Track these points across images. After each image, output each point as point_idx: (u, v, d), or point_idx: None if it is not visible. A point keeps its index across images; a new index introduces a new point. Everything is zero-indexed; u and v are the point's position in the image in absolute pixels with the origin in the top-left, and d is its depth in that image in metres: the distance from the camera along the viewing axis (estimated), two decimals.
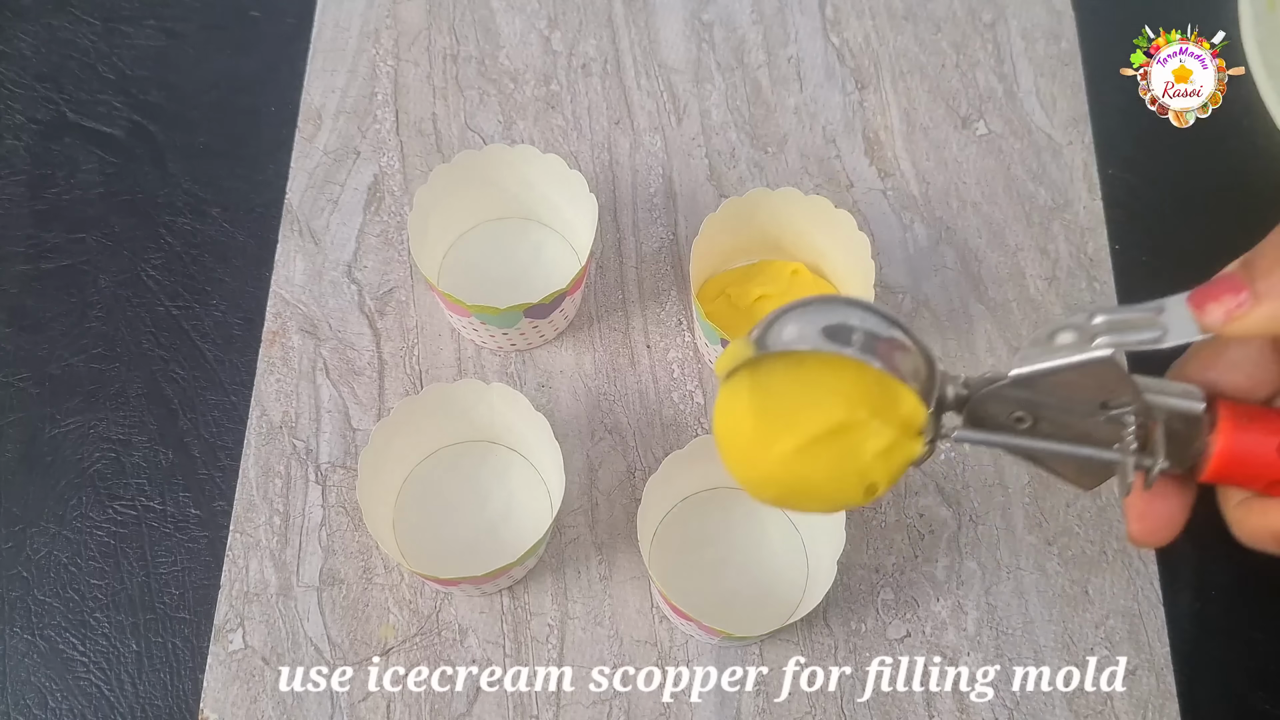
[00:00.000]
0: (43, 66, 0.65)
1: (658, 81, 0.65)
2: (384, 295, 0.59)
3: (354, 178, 0.62)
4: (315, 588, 0.52)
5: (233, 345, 0.58)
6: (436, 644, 0.51)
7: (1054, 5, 0.67)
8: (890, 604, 0.53)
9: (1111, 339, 0.30)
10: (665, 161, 0.62)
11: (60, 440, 0.56)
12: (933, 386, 0.33)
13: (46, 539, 0.54)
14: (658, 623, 0.52)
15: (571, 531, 0.54)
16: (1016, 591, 0.53)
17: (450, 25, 0.66)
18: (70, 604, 0.52)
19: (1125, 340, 0.30)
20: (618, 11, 0.67)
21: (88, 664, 0.51)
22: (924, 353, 0.33)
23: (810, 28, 0.67)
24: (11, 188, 0.62)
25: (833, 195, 0.60)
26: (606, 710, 0.50)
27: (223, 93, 0.65)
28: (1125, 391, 0.30)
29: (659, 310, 0.59)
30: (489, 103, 0.64)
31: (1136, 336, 0.30)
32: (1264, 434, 0.29)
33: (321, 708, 0.50)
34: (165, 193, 0.62)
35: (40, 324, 0.58)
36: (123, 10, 0.67)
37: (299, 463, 0.54)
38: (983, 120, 0.64)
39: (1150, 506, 0.33)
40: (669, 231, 0.61)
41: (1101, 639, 0.52)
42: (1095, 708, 0.51)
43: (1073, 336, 0.30)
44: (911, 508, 0.54)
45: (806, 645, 0.52)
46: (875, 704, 0.51)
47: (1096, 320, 0.30)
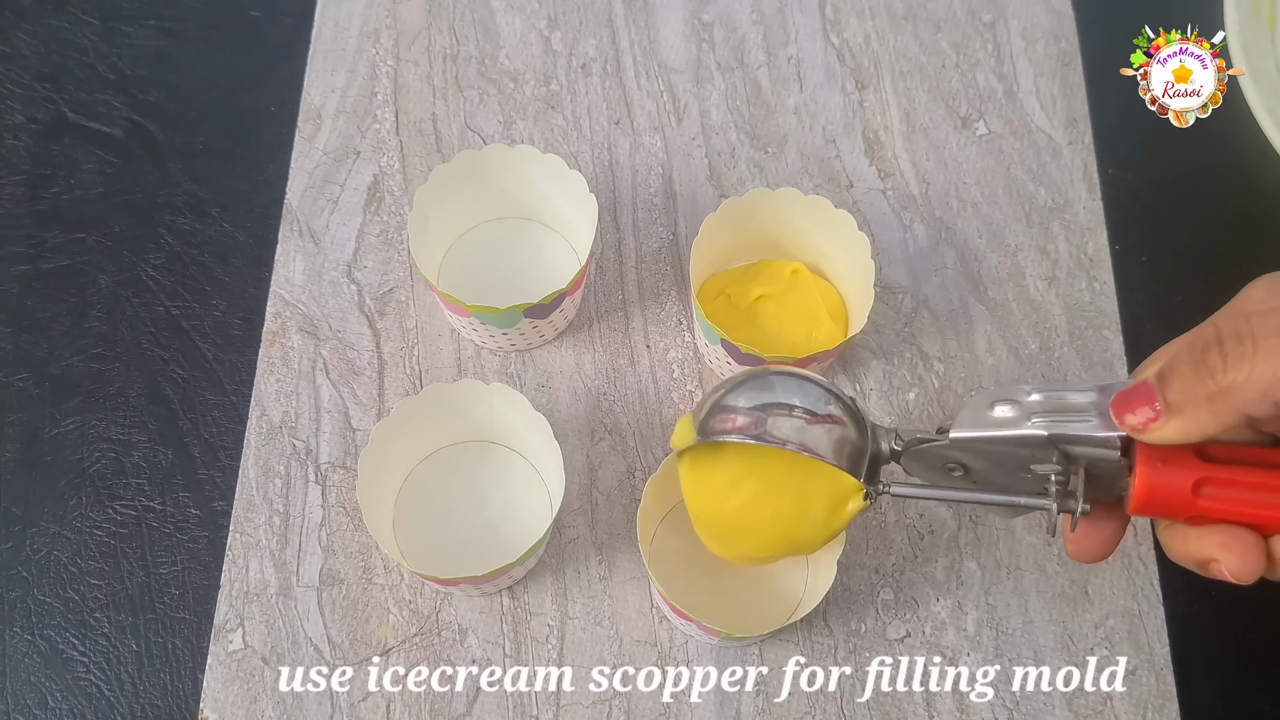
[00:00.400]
0: (43, 66, 0.65)
1: (658, 81, 0.65)
2: (384, 295, 0.59)
3: (354, 178, 0.61)
4: (315, 588, 0.52)
5: (232, 345, 0.58)
6: (436, 644, 0.51)
7: (1054, 5, 0.67)
8: (890, 604, 0.53)
9: (1046, 421, 0.33)
10: (665, 161, 0.62)
11: (60, 440, 0.56)
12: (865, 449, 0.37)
13: (46, 539, 0.54)
14: (658, 623, 0.52)
15: (571, 532, 0.54)
16: (1016, 592, 0.53)
17: (450, 25, 0.66)
18: (70, 604, 0.52)
19: (1061, 425, 0.33)
20: (618, 11, 0.67)
21: (88, 664, 0.51)
22: (856, 420, 0.37)
23: (810, 28, 0.67)
24: (11, 188, 0.62)
25: (833, 195, 0.60)
26: (606, 710, 0.50)
27: (222, 93, 0.65)
28: (1050, 454, 0.33)
29: (659, 310, 0.59)
30: (489, 103, 0.64)
31: (1070, 423, 0.33)
32: (1179, 474, 0.32)
33: (321, 708, 0.50)
34: (165, 193, 0.61)
35: (40, 324, 0.58)
36: (123, 10, 0.67)
37: (299, 463, 0.54)
38: (983, 120, 0.64)
39: (1086, 534, 0.36)
40: (669, 231, 0.61)
41: (1101, 639, 0.52)
42: (1095, 708, 0.51)
43: (1010, 411, 0.34)
44: (911, 508, 0.54)
45: (806, 645, 0.52)
46: (875, 704, 0.51)
47: (1033, 398, 0.34)
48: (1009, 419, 0.33)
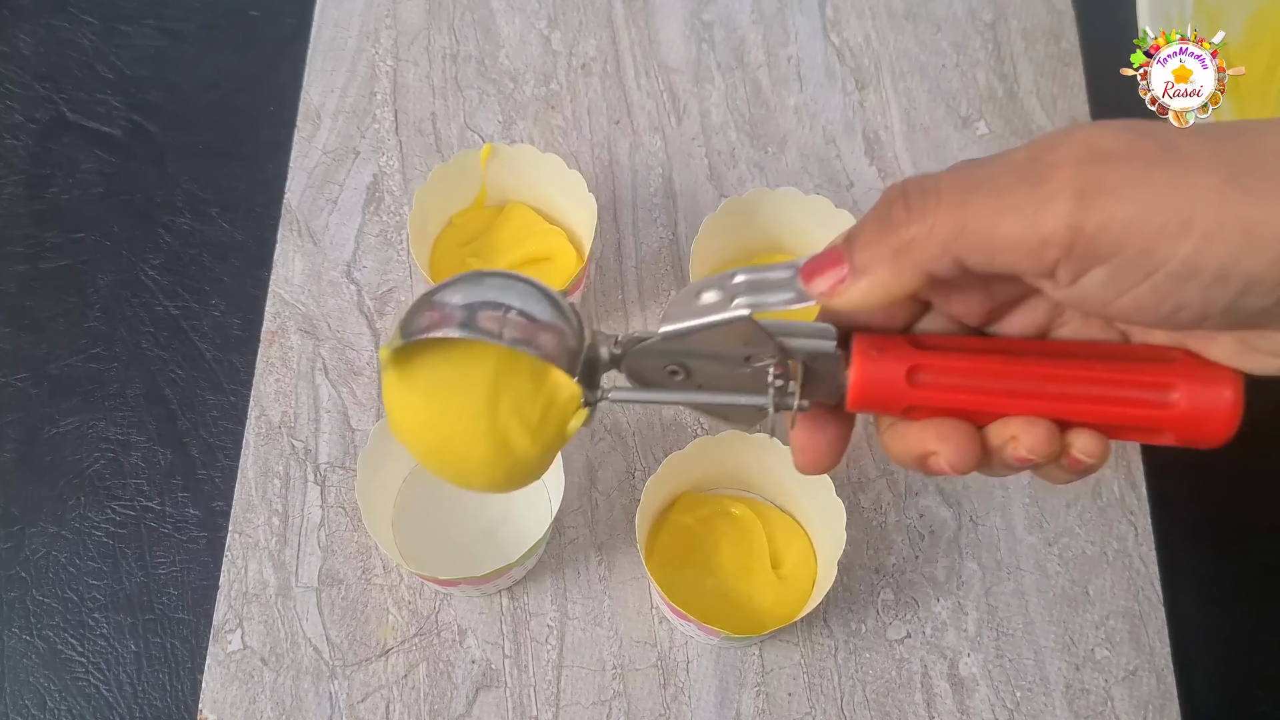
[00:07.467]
0: (42, 66, 0.65)
1: (658, 81, 0.65)
2: (383, 295, 0.58)
3: (353, 177, 0.61)
4: (314, 588, 0.52)
5: (231, 345, 0.58)
6: (436, 644, 0.51)
7: (1054, 5, 0.67)
8: (890, 604, 0.52)
9: (749, 299, 0.32)
10: (665, 161, 0.62)
11: (59, 440, 0.56)
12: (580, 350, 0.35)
13: (45, 539, 0.53)
14: (657, 623, 0.52)
15: (571, 532, 0.53)
16: (1017, 592, 0.53)
17: (450, 25, 0.66)
18: (69, 604, 0.52)
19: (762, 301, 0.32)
20: (618, 11, 0.67)
21: (86, 665, 0.51)
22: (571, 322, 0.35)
23: (810, 28, 0.67)
24: (10, 187, 0.61)
25: (833, 195, 0.60)
26: (606, 711, 0.50)
27: (222, 92, 0.64)
28: (765, 344, 0.33)
29: (659, 310, 0.58)
30: (488, 102, 0.64)
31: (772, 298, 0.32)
32: (893, 363, 0.31)
33: (320, 709, 0.50)
34: (164, 192, 0.61)
35: (39, 324, 0.58)
36: (122, 10, 0.66)
37: (298, 463, 0.54)
38: (983, 120, 0.64)
39: (810, 438, 0.34)
40: (669, 231, 0.61)
41: (1102, 639, 0.52)
42: (1095, 708, 0.51)
43: (716, 295, 0.32)
44: (912, 508, 0.54)
45: (806, 645, 0.52)
46: (875, 704, 0.50)
47: (737, 279, 0.32)
48: (713, 304, 0.32)
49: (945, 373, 0.31)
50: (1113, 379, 0.31)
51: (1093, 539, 0.54)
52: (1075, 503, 0.55)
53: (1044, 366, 0.31)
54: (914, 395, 0.32)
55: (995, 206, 0.27)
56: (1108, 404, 0.31)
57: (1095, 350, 0.31)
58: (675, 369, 0.35)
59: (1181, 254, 0.26)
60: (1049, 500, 0.55)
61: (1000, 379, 0.31)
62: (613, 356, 0.35)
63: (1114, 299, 0.27)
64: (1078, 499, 0.55)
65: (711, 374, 0.35)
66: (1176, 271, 0.26)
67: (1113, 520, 0.54)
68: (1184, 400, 0.30)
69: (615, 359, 0.35)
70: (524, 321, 0.34)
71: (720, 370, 0.34)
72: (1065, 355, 0.32)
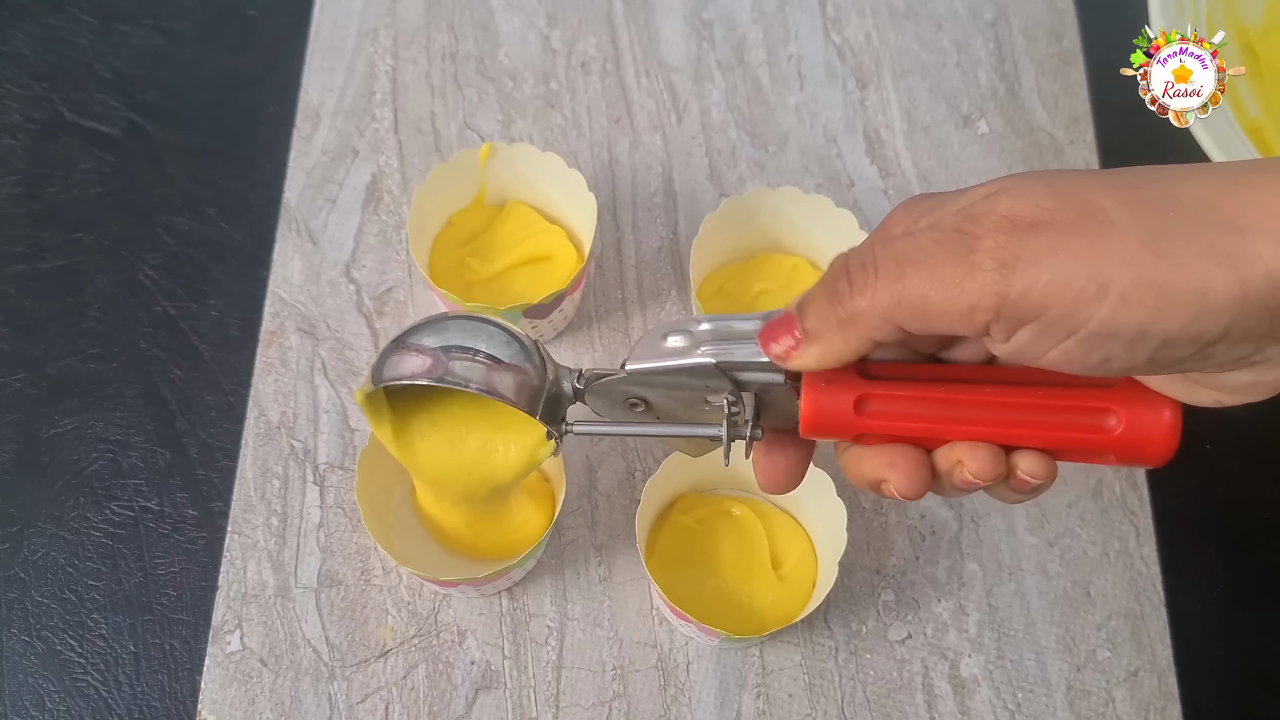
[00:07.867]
0: (40, 66, 0.65)
1: (657, 80, 0.65)
2: (382, 295, 0.58)
3: (352, 177, 0.61)
4: (313, 589, 0.52)
5: (230, 345, 0.57)
6: (435, 645, 0.51)
7: (1056, 4, 0.67)
8: (891, 605, 0.52)
9: (714, 349, 0.34)
10: (665, 160, 0.62)
11: (57, 441, 0.55)
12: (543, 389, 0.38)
13: (44, 540, 0.53)
14: (657, 624, 0.52)
15: (571, 533, 0.53)
16: (1018, 593, 0.53)
17: (449, 23, 0.66)
18: (68, 605, 0.52)
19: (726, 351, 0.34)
20: (617, 10, 0.67)
21: (85, 665, 0.51)
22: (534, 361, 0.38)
23: (811, 26, 0.66)
24: (8, 187, 0.61)
25: (834, 194, 0.60)
26: (606, 712, 0.50)
27: (220, 92, 0.64)
28: (721, 381, 0.35)
29: (659, 310, 0.58)
30: (488, 101, 0.64)
31: (736, 350, 0.34)
32: (841, 394, 0.33)
33: (320, 709, 0.50)
34: (162, 192, 0.61)
35: (37, 324, 0.58)
36: (120, 9, 0.66)
37: (297, 463, 0.54)
38: (984, 119, 0.64)
39: (771, 461, 0.37)
40: (669, 231, 0.60)
41: (1103, 640, 0.52)
42: (1097, 709, 0.51)
43: (682, 341, 0.35)
44: (913, 509, 0.54)
45: (806, 646, 0.51)
46: (875, 705, 0.50)
47: (703, 327, 0.35)
48: (680, 349, 0.35)
49: (892, 402, 0.33)
50: (1053, 405, 0.32)
51: (1094, 540, 0.54)
52: (1076, 503, 0.54)
53: (987, 394, 0.33)
54: (862, 424, 0.33)
55: (926, 279, 0.29)
56: (1049, 429, 0.33)
57: (1038, 376, 0.32)
58: (636, 401, 0.37)
59: (1100, 315, 0.27)
60: (1050, 501, 0.54)
61: (945, 406, 0.33)
62: (575, 390, 0.38)
63: (1044, 353, 0.29)
64: (1079, 499, 0.54)
65: (670, 406, 0.37)
66: (1097, 330, 0.28)
67: (1114, 521, 0.54)
68: (1122, 424, 0.32)
69: (578, 393, 0.38)
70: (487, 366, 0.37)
71: (678, 403, 0.37)
72: (1009, 382, 0.33)
